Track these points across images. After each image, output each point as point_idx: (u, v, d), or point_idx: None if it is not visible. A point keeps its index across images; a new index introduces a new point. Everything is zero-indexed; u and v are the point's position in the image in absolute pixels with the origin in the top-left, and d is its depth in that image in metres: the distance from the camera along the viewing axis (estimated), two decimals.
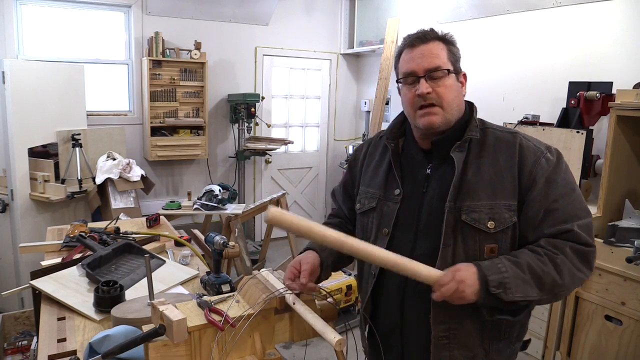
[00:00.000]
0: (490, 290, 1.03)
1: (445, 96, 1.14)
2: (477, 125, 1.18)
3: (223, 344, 1.12)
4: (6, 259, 3.47)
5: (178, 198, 4.48)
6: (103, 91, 4.40)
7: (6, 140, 3.35)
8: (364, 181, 1.33)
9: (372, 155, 1.34)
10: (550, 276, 1.06)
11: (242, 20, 4.84)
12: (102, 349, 1.10)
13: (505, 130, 1.20)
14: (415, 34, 1.18)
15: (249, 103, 4.59)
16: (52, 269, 1.68)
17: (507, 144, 1.15)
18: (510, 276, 1.04)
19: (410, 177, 1.23)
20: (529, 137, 1.18)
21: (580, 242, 1.09)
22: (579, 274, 1.09)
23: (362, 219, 1.30)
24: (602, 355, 2.43)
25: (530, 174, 1.11)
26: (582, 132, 2.73)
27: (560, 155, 1.16)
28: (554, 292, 1.08)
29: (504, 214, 1.11)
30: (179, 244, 2.13)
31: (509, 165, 1.13)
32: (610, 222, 2.43)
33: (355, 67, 5.64)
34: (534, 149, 1.14)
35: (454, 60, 1.17)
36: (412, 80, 1.16)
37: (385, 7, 4.96)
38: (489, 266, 1.06)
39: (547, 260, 1.07)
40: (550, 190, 1.10)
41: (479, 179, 1.13)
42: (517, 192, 1.11)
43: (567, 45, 3.21)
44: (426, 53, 1.14)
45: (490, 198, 1.12)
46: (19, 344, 2.50)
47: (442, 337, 1.14)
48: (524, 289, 1.05)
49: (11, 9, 3.85)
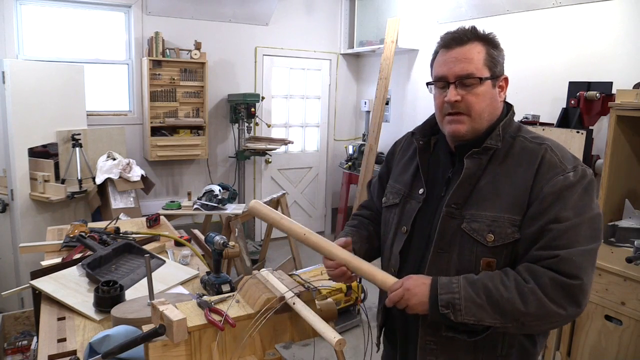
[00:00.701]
0: (439, 309, 1.03)
1: (475, 106, 1.09)
2: (499, 134, 1.11)
3: (223, 344, 1.12)
4: (6, 259, 3.47)
5: (178, 198, 4.48)
6: (103, 91, 4.40)
7: (6, 140, 3.35)
8: (393, 175, 1.33)
9: (406, 150, 1.33)
10: (511, 303, 0.99)
11: (242, 20, 4.84)
12: (102, 349, 1.10)
13: (535, 140, 1.11)
14: (453, 32, 1.11)
15: (249, 103, 4.59)
16: (52, 269, 1.68)
17: (530, 155, 1.08)
18: (462, 297, 1.02)
19: (434, 178, 1.22)
20: (559, 150, 1.08)
21: (563, 272, 0.98)
22: (552, 306, 0.98)
23: (386, 213, 1.32)
24: (602, 355, 2.43)
25: (540, 189, 1.03)
26: (582, 132, 2.73)
27: (584, 177, 1.04)
28: (520, 321, 1.00)
29: (507, 229, 1.05)
30: (179, 244, 2.13)
31: (526, 178, 1.06)
32: (610, 222, 2.43)
33: (355, 67, 5.64)
34: (556, 164, 1.05)
35: (492, 64, 1.10)
36: (443, 84, 1.12)
37: (385, 7, 4.96)
38: (444, 284, 1.04)
39: (512, 287, 1.00)
40: (553, 209, 1.01)
41: (490, 189, 1.08)
42: (525, 205, 1.05)
43: (567, 45, 3.21)
44: (460, 57, 1.08)
45: (495, 210, 1.07)
46: (19, 344, 2.50)
47: (430, 341, 1.15)
48: (476, 313, 1.01)
49: (11, 9, 3.85)
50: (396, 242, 1.25)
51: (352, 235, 1.31)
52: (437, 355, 1.14)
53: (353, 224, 1.40)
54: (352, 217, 1.46)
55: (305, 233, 1.16)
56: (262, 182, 5.31)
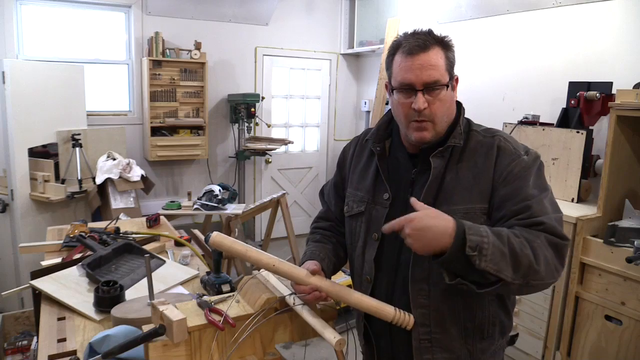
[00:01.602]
0: (465, 250, 0.95)
1: (439, 112, 1.13)
2: (461, 132, 1.17)
3: (223, 344, 1.12)
4: (6, 259, 3.47)
5: (178, 198, 4.48)
6: (103, 91, 4.40)
7: (6, 140, 3.35)
8: (351, 183, 1.32)
9: (360, 156, 1.33)
10: (528, 258, 0.98)
11: (242, 20, 4.84)
12: (102, 349, 1.10)
13: (488, 133, 1.19)
14: (413, 39, 1.12)
15: (249, 103, 4.59)
16: (52, 269, 1.68)
17: (487, 147, 1.15)
18: (490, 243, 0.96)
19: (396, 181, 1.23)
20: (509, 139, 1.17)
21: (554, 233, 1.03)
22: (554, 265, 1.02)
23: (351, 222, 1.30)
24: (602, 355, 2.43)
25: (501, 174, 1.11)
26: (582, 132, 2.73)
27: (537, 158, 1.15)
28: (528, 279, 0.99)
29: (480, 218, 1.10)
30: (179, 244, 2.13)
31: (486, 168, 1.12)
32: (610, 222, 2.43)
33: (355, 67, 5.64)
34: (511, 150, 1.14)
35: (450, 67, 1.14)
36: (409, 91, 1.13)
37: (385, 7, 4.96)
38: (471, 226, 0.98)
39: (525, 242, 1.00)
40: (519, 188, 1.08)
41: (456, 184, 1.13)
42: (490, 192, 1.11)
43: (567, 45, 3.21)
44: (426, 64, 1.10)
45: (466, 202, 1.11)
46: (19, 344, 2.50)
47: (424, 339, 1.15)
48: (499, 262, 0.96)
49: (11, 8, 3.85)
50: (368, 250, 1.24)
51: (319, 252, 1.28)
52: (433, 352, 1.15)
53: (316, 239, 1.36)
54: (312, 230, 1.42)
55: (275, 264, 1.12)
56: (262, 182, 5.32)
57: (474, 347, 1.17)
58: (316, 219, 1.46)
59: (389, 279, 1.21)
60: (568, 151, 2.79)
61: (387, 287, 1.22)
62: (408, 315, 1.12)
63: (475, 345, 1.17)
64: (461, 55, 1.22)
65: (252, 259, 1.14)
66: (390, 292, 1.21)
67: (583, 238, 2.47)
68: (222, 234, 1.14)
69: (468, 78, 3.94)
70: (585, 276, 2.50)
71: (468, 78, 3.94)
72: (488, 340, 1.18)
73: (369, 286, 1.24)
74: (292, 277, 1.14)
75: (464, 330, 1.15)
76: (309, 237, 1.40)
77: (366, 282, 1.25)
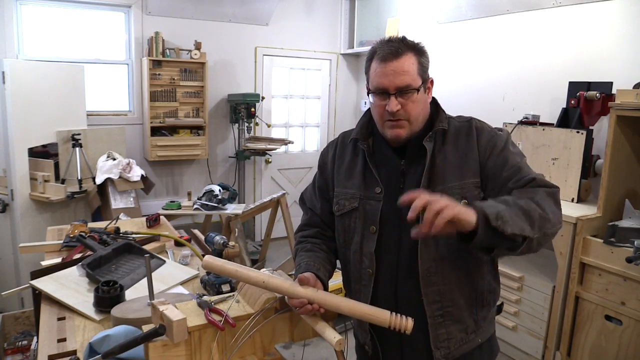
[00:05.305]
0: (490, 223, 0.99)
1: (413, 112, 1.21)
2: (445, 117, 1.28)
3: (223, 344, 1.12)
4: (6, 259, 3.47)
5: (178, 198, 4.48)
6: (103, 91, 4.40)
7: (6, 140, 3.35)
8: (338, 183, 1.35)
9: (342, 157, 1.37)
10: (537, 211, 1.07)
11: (242, 20, 4.84)
12: (102, 349, 1.10)
13: (463, 119, 1.31)
14: (387, 46, 1.20)
15: (249, 103, 4.59)
16: (52, 269, 1.68)
17: (465, 130, 1.26)
18: (503, 209, 1.03)
19: (386, 174, 1.28)
20: (482, 121, 1.31)
21: (545, 185, 1.16)
22: (557, 211, 1.14)
23: (343, 220, 1.32)
24: (602, 355, 2.43)
25: (485, 150, 1.22)
26: (582, 132, 2.73)
27: (508, 134, 1.30)
28: (543, 230, 1.08)
29: (474, 191, 1.20)
30: (179, 244, 2.13)
31: (470, 146, 1.23)
32: (610, 222, 2.43)
33: (355, 67, 5.64)
34: (488, 129, 1.27)
35: (422, 72, 1.22)
36: (383, 94, 1.21)
37: (385, 7, 4.96)
38: (481, 203, 1.04)
39: (527, 199, 1.10)
40: (507, 158, 1.21)
41: (446, 164, 1.22)
42: (479, 168, 1.22)
43: (567, 45, 3.21)
44: (398, 70, 1.17)
45: (458, 179, 1.21)
46: (19, 344, 2.50)
47: (437, 315, 1.21)
48: (519, 223, 1.03)
49: (11, 9, 3.85)
50: (366, 244, 1.27)
51: (313, 262, 1.28)
52: (446, 325, 1.22)
53: (307, 248, 1.35)
54: (300, 240, 1.41)
55: (265, 280, 1.12)
56: (262, 182, 5.32)
57: (477, 316, 1.26)
58: (301, 227, 1.45)
59: (391, 268, 1.25)
60: (568, 151, 2.79)
61: (390, 277, 1.25)
62: (405, 318, 1.08)
63: (478, 313, 1.26)
64: (461, 55, 1.27)
65: (243, 278, 1.15)
66: (394, 280, 1.25)
67: (583, 238, 2.47)
68: (212, 257, 1.18)
69: (468, 78, 3.94)
70: (585, 276, 2.50)
71: (468, 78, 3.94)
72: (486, 307, 1.28)
73: (370, 279, 1.26)
74: (283, 291, 1.15)
75: (469, 299, 1.24)
76: (298, 247, 1.39)
77: (367, 275, 1.27)
